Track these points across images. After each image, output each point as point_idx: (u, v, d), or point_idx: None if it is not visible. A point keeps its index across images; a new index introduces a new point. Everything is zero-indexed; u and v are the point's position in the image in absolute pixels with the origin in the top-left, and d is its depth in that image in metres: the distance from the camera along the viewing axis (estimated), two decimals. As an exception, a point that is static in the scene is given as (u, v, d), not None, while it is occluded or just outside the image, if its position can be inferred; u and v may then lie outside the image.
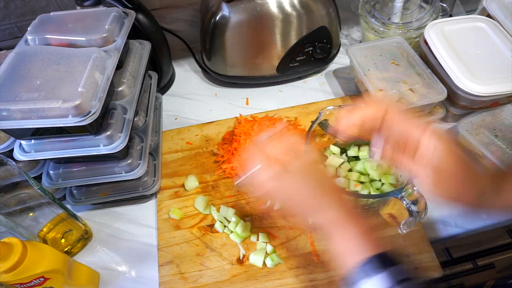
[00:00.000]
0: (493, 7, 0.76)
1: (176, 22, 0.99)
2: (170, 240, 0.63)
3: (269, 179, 0.43)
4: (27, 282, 0.47)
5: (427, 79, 0.71)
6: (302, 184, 0.43)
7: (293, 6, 0.72)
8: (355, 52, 0.77)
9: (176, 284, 0.59)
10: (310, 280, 0.57)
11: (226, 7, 0.72)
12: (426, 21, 0.80)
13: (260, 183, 0.44)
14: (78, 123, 0.48)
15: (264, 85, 0.86)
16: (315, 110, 0.80)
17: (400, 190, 0.51)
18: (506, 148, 0.64)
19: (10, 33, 0.89)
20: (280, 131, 0.47)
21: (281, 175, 0.43)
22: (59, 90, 0.49)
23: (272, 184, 0.43)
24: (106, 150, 0.54)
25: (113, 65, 0.55)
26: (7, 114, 0.48)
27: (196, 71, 0.92)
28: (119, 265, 0.62)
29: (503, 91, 0.64)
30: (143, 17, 0.72)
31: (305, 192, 0.43)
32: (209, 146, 0.76)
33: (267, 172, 0.43)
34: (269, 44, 0.76)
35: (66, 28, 0.59)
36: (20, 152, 0.55)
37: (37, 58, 0.53)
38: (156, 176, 0.67)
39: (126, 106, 0.60)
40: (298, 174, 0.43)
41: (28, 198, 0.53)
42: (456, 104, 0.70)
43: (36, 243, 0.48)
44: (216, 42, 0.77)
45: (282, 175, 0.43)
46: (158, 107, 0.81)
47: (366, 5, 0.84)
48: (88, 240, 0.65)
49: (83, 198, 0.65)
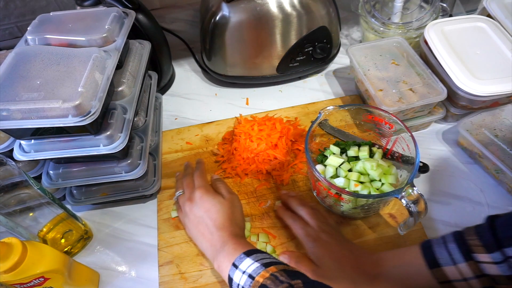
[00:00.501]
0: (493, 7, 0.76)
1: (176, 22, 0.99)
2: (170, 240, 0.63)
3: (183, 206, 0.56)
4: (27, 282, 0.47)
5: (427, 79, 0.71)
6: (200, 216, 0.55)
7: (293, 6, 0.72)
8: (355, 52, 0.77)
9: (176, 284, 0.59)
10: (310, 280, 0.57)
11: (226, 7, 0.72)
12: (426, 21, 0.80)
13: (182, 204, 0.57)
14: (78, 123, 0.48)
15: (264, 85, 0.86)
16: (315, 110, 0.80)
17: (400, 190, 0.51)
18: (506, 148, 0.64)
19: (10, 33, 0.89)
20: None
21: (190, 205, 0.55)
22: (59, 90, 0.49)
23: (186, 206, 0.56)
24: (106, 150, 0.54)
25: (113, 65, 0.55)
26: (7, 114, 0.48)
27: (196, 71, 0.92)
28: (119, 265, 0.62)
29: (503, 91, 0.64)
30: (143, 17, 0.72)
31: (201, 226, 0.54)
32: (209, 146, 0.76)
33: (186, 195, 0.57)
34: (269, 44, 0.76)
35: (66, 28, 0.59)
36: (20, 152, 0.55)
37: (37, 58, 0.53)
38: (156, 176, 0.67)
39: (126, 106, 0.60)
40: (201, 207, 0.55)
41: (28, 198, 0.53)
42: (456, 104, 0.70)
43: (36, 243, 0.48)
44: (216, 42, 0.77)
45: (191, 205, 0.56)
46: (158, 107, 0.81)
47: (366, 5, 0.84)
48: (88, 240, 0.65)
49: (83, 198, 0.65)
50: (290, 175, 0.69)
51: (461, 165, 0.69)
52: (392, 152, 0.64)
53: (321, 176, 0.54)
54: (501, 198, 0.65)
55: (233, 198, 0.58)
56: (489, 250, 0.40)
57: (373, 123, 0.65)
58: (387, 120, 0.61)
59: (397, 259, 0.49)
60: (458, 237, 0.43)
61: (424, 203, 0.50)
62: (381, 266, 0.49)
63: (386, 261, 0.50)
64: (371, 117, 0.64)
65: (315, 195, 0.66)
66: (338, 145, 0.67)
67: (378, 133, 0.66)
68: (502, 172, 0.63)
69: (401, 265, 0.48)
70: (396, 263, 0.49)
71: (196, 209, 0.56)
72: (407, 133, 0.58)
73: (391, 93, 0.69)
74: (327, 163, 0.64)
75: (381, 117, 0.62)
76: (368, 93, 0.73)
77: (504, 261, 0.38)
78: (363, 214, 0.62)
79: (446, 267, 0.43)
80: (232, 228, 0.53)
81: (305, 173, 0.70)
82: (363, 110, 0.64)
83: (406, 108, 0.67)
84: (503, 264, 0.38)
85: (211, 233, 0.53)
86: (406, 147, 0.59)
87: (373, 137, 0.68)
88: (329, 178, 0.62)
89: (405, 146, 0.59)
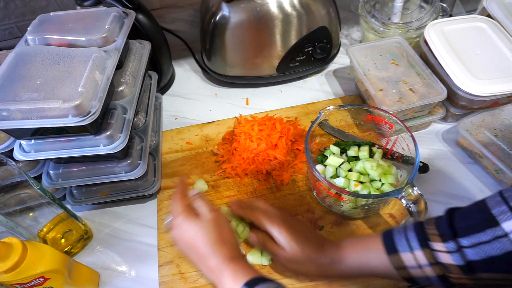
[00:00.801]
0: (493, 7, 0.76)
1: (176, 22, 0.99)
2: (170, 240, 0.63)
3: (174, 227, 0.53)
4: (27, 282, 0.47)
5: (427, 79, 0.71)
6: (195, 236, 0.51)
7: (293, 6, 0.72)
8: (355, 52, 0.77)
9: (176, 284, 0.59)
10: (310, 280, 0.57)
11: (226, 7, 0.72)
12: (426, 21, 0.80)
13: (171, 231, 0.54)
14: (78, 123, 0.48)
15: (264, 85, 0.86)
16: (315, 110, 0.80)
17: (400, 190, 0.51)
18: (506, 148, 0.64)
19: (10, 33, 0.89)
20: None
21: (181, 227, 0.52)
22: (59, 90, 0.49)
23: (174, 233, 0.53)
24: (106, 150, 0.54)
25: (113, 65, 0.55)
26: (7, 114, 0.48)
27: (196, 71, 0.92)
28: (119, 265, 0.62)
29: (503, 91, 0.64)
30: (143, 17, 0.72)
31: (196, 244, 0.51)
32: (209, 146, 0.76)
33: (173, 221, 0.53)
34: (269, 44, 0.76)
35: (66, 28, 0.59)
36: (20, 152, 0.55)
37: (37, 58, 0.53)
38: (156, 176, 0.67)
39: (126, 106, 0.60)
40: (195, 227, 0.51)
41: (28, 198, 0.53)
42: (456, 104, 0.70)
43: (36, 243, 0.48)
44: (216, 42, 0.77)
45: (182, 227, 0.52)
46: (158, 107, 0.81)
47: (366, 5, 0.84)
48: (88, 240, 0.65)
49: (83, 198, 0.65)
50: (290, 175, 0.69)
51: (461, 165, 0.69)
52: (392, 152, 0.64)
53: (321, 176, 0.54)
54: (501, 198, 0.65)
55: (216, 216, 0.53)
56: (444, 239, 0.41)
57: (373, 123, 0.65)
58: (387, 120, 0.61)
59: (359, 245, 0.50)
60: (418, 226, 0.45)
61: (424, 203, 0.50)
62: (343, 250, 0.51)
63: (348, 246, 0.51)
64: (371, 117, 0.64)
65: (315, 195, 0.66)
66: (338, 145, 0.67)
67: (378, 133, 0.66)
68: (502, 172, 0.63)
69: (362, 250, 0.49)
70: (357, 248, 0.50)
71: (183, 237, 0.52)
72: (407, 133, 0.58)
73: (391, 93, 0.69)
74: (327, 163, 0.64)
75: (381, 117, 0.62)
76: (368, 93, 0.73)
77: (457, 250, 0.40)
78: (363, 214, 0.62)
79: (403, 253, 0.44)
80: (226, 251, 0.50)
81: (305, 173, 0.70)
82: (363, 110, 0.64)
83: (406, 108, 0.67)
84: (456, 254, 0.40)
85: (205, 261, 0.50)
86: (406, 147, 0.59)
87: (373, 137, 0.68)
88: (329, 178, 0.62)
89: (405, 146, 0.59)
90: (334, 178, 0.61)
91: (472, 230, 0.39)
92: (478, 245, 0.38)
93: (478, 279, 0.39)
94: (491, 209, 0.39)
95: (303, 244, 0.51)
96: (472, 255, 0.39)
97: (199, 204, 0.54)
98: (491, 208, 0.39)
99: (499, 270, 0.38)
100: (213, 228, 0.51)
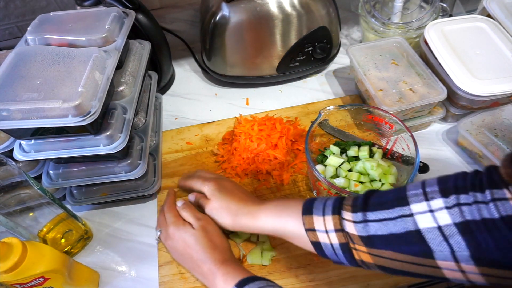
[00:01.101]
0: (493, 7, 0.76)
1: (176, 22, 0.99)
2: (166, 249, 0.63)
3: (166, 239, 0.57)
4: (27, 282, 0.47)
5: (427, 79, 0.71)
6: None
7: (293, 6, 0.72)
8: (355, 52, 0.78)
9: (176, 284, 0.59)
10: (310, 280, 0.57)
11: (226, 7, 0.72)
12: (426, 21, 0.80)
13: (163, 242, 0.59)
14: (78, 123, 0.48)
15: (264, 85, 0.86)
16: (315, 110, 0.80)
17: (400, 190, 0.51)
18: (506, 148, 0.64)
19: (10, 33, 0.89)
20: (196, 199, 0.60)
21: (172, 237, 0.56)
22: (59, 90, 0.49)
23: (167, 244, 0.57)
24: (106, 150, 0.54)
25: (113, 65, 0.55)
26: (7, 114, 0.48)
27: (196, 71, 0.92)
28: (119, 265, 0.62)
29: (503, 91, 0.64)
30: (143, 17, 0.72)
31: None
32: (209, 146, 0.76)
33: (163, 234, 0.58)
34: (269, 44, 0.76)
35: (66, 28, 0.59)
36: (20, 152, 0.55)
37: (37, 58, 0.53)
38: (156, 176, 0.67)
39: (126, 106, 0.60)
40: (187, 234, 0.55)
41: (28, 198, 0.53)
42: (456, 104, 0.70)
43: (36, 243, 0.48)
44: (216, 42, 0.77)
45: (173, 237, 0.56)
46: (158, 107, 0.81)
47: (366, 5, 0.84)
48: (88, 240, 0.65)
49: (83, 198, 0.65)
50: (290, 175, 0.69)
51: (461, 165, 0.69)
52: (392, 152, 0.64)
53: (321, 176, 0.54)
54: (501, 198, 0.64)
55: (204, 225, 0.55)
56: (353, 210, 0.42)
57: (373, 123, 0.65)
58: (387, 120, 0.61)
59: (281, 203, 0.52)
60: (339, 198, 0.46)
61: (424, 203, 0.50)
62: (264, 204, 0.53)
63: (270, 203, 0.53)
64: (371, 117, 0.64)
65: (315, 195, 0.66)
66: (338, 145, 0.67)
67: (378, 133, 0.66)
68: (502, 172, 0.63)
69: (282, 207, 0.51)
70: (278, 206, 0.51)
71: (177, 247, 0.55)
72: (407, 133, 0.58)
73: (391, 93, 0.69)
74: (327, 163, 0.64)
75: (381, 117, 0.62)
76: (368, 93, 0.73)
77: (362, 222, 0.41)
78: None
79: (315, 216, 0.45)
80: (217, 255, 0.52)
81: (305, 173, 0.70)
82: (363, 110, 0.64)
83: (406, 108, 0.67)
84: (359, 224, 0.41)
85: (199, 267, 0.53)
86: (406, 147, 0.59)
87: (373, 137, 0.68)
88: (329, 178, 0.62)
89: (405, 146, 0.59)
90: (334, 178, 0.61)
91: (382, 206, 0.40)
92: (383, 221, 0.39)
93: (378, 256, 0.40)
94: (407, 191, 0.40)
95: (227, 195, 0.56)
96: (375, 229, 0.40)
97: (184, 215, 0.57)
98: (407, 190, 0.40)
99: (398, 249, 0.38)
100: (203, 234, 0.54)
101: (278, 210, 0.51)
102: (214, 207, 0.56)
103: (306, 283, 0.57)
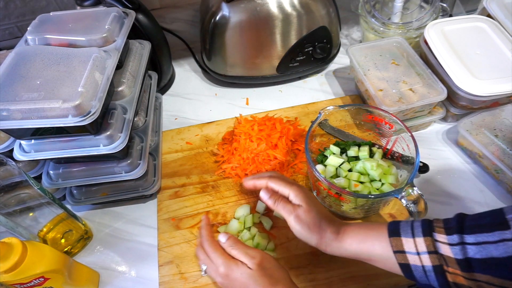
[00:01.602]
0: (493, 7, 0.76)
1: (176, 22, 0.99)
2: (170, 240, 0.63)
3: (216, 277, 0.52)
4: (27, 282, 0.47)
5: (427, 79, 0.71)
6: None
7: (293, 6, 0.72)
8: (355, 52, 0.78)
9: (176, 284, 0.59)
10: (310, 280, 0.57)
11: (226, 7, 0.72)
12: (426, 21, 0.80)
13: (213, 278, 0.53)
14: (78, 123, 0.48)
15: (264, 85, 0.86)
16: (315, 110, 0.80)
17: (400, 190, 0.51)
18: (506, 148, 0.64)
19: (10, 33, 0.89)
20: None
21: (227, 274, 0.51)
22: (59, 90, 0.49)
23: (218, 281, 0.52)
24: (106, 150, 0.54)
25: (113, 65, 0.55)
26: (7, 114, 0.48)
27: (196, 71, 0.92)
28: (119, 265, 0.62)
29: (503, 91, 0.64)
30: (143, 17, 0.72)
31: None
32: (209, 146, 0.76)
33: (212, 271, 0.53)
34: (269, 44, 0.76)
35: (66, 28, 0.59)
36: (20, 152, 0.55)
37: (37, 58, 0.53)
38: (156, 176, 0.67)
39: (126, 106, 0.60)
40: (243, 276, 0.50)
41: (28, 198, 0.53)
42: (456, 104, 0.70)
43: (36, 243, 0.48)
44: (216, 42, 0.77)
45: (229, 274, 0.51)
46: (158, 107, 0.81)
47: (366, 5, 0.84)
48: (88, 240, 0.65)
49: (83, 198, 0.65)
50: (290, 175, 0.69)
51: (461, 165, 0.70)
52: (392, 152, 0.64)
53: (321, 176, 0.54)
54: (501, 198, 0.65)
55: (260, 262, 0.50)
56: (448, 232, 0.41)
57: (373, 123, 0.65)
58: (387, 120, 0.61)
59: (364, 226, 0.50)
60: (426, 220, 0.45)
61: (424, 203, 0.50)
62: (347, 225, 0.51)
63: (354, 225, 0.51)
64: (371, 117, 0.64)
65: (315, 195, 0.66)
66: (338, 145, 0.67)
67: (378, 133, 0.66)
68: (502, 172, 0.63)
69: (366, 230, 0.49)
70: (362, 228, 0.50)
71: (232, 285, 0.51)
72: (407, 133, 0.58)
73: (391, 93, 0.69)
74: (327, 163, 0.64)
75: (381, 117, 0.62)
76: (368, 93, 0.73)
77: (459, 244, 0.40)
78: (363, 214, 0.62)
79: (404, 237, 0.45)
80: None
81: (305, 173, 0.70)
82: (363, 110, 0.64)
83: (406, 108, 0.67)
84: (456, 247, 0.40)
85: None
86: (406, 147, 0.59)
87: (373, 137, 0.68)
88: (329, 178, 0.62)
89: (405, 146, 0.59)
90: (334, 178, 0.61)
91: (480, 229, 0.39)
92: (482, 244, 0.38)
93: (474, 280, 0.39)
94: (506, 214, 0.38)
95: (317, 208, 0.51)
96: (473, 252, 0.39)
97: (236, 253, 0.52)
98: (506, 214, 0.39)
99: (497, 273, 0.38)
100: (262, 273, 0.49)
101: (363, 232, 0.49)
102: (303, 218, 0.50)
103: (306, 283, 0.57)
